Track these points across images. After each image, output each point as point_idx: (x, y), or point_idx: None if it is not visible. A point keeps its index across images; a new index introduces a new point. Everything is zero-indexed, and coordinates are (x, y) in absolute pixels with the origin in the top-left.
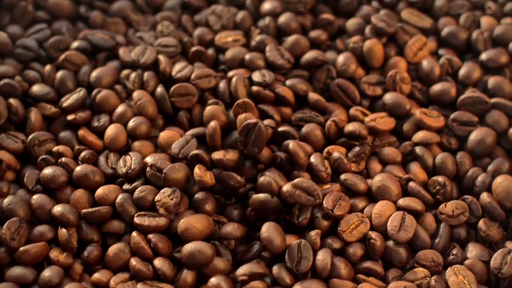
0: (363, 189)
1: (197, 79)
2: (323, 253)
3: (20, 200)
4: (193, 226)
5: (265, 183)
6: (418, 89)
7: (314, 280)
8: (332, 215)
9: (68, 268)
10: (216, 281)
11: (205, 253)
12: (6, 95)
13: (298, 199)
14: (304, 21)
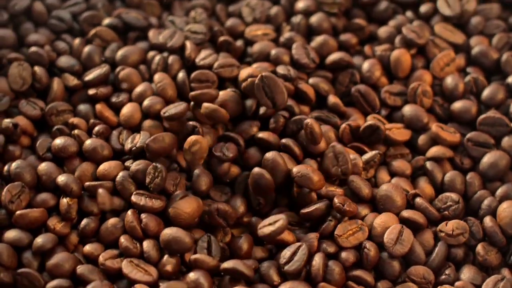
0: (366, 194)
1: (219, 68)
2: (317, 259)
3: (29, 165)
4: (184, 212)
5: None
6: (439, 104)
7: (301, 283)
8: (343, 209)
9: (64, 238)
10: (194, 276)
11: (181, 241)
12: (33, 62)
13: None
14: (336, 23)
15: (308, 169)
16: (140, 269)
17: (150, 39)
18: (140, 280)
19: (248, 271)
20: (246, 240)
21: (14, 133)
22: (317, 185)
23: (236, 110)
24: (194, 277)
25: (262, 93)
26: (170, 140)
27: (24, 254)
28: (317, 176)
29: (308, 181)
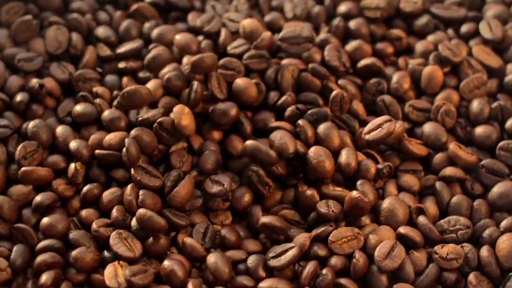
0: (369, 200)
1: (248, 59)
2: (310, 266)
3: (46, 126)
4: (179, 196)
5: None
6: (462, 126)
7: (282, 281)
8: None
9: (66, 201)
10: (168, 264)
11: (154, 223)
12: (71, 28)
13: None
14: (375, 30)
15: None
16: (126, 243)
17: (188, 21)
18: (121, 254)
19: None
20: (231, 231)
21: (39, 93)
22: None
23: (254, 98)
24: (169, 265)
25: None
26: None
27: (24, 210)
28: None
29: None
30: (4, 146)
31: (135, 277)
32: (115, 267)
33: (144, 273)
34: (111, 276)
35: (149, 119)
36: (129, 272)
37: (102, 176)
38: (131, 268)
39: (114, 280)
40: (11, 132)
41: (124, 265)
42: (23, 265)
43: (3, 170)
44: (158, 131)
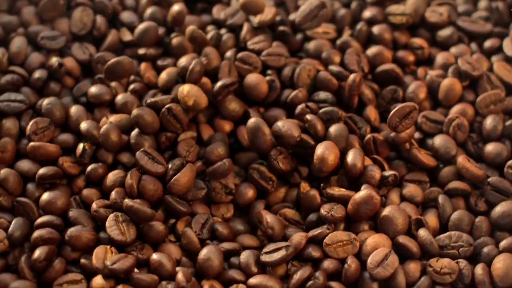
0: (378, 200)
1: (267, 56)
2: (303, 272)
3: (61, 104)
4: (179, 183)
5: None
6: (473, 141)
7: (272, 278)
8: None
9: (71, 179)
10: (157, 257)
11: (140, 213)
12: (97, 10)
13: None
14: (398, 37)
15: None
16: (121, 227)
17: (213, 13)
18: (113, 237)
19: (278, 284)
20: (223, 225)
21: (58, 71)
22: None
23: (264, 95)
24: (157, 258)
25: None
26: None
27: (28, 185)
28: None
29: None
30: (18, 121)
31: (115, 264)
32: (106, 250)
33: (124, 258)
34: (99, 257)
35: (157, 102)
36: (109, 262)
37: (109, 159)
38: (112, 258)
39: (101, 262)
40: (25, 107)
41: (114, 251)
42: (21, 238)
43: (13, 144)
44: (166, 116)
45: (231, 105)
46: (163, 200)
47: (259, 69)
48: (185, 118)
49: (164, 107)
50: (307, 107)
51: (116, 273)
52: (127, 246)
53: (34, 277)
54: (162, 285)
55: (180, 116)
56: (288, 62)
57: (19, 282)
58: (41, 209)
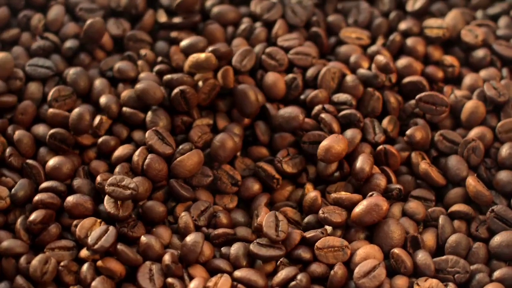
0: (387, 207)
1: (293, 54)
2: (288, 272)
3: (86, 75)
4: (182, 166)
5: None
6: (487, 166)
7: (257, 273)
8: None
9: (83, 149)
10: (146, 239)
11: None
12: None
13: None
14: (431, 52)
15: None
16: (118, 201)
17: (250, 6)
18: (107, 209)
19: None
20: (224, 215)
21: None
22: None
23: (282, 95)
24: (146, 240)
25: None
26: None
27: (41, 149)
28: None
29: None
30: (42, 86)
31: (97, 245)
32: (94, 222)
33: (105, 234)
34: (84, 227)
35: (172, 81)
36: (90, 241)
37: (123, 134)
38: (92, 234)
39: (84, 231)
40: (51, 74)
41: (103, 224)
42: (23, 199)
43: (33, 108)
44: (177, 97)
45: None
46: (167, 182)
47: (284, 66)
48: (195, 101)
49: (178, 88)
50: (324, 109)
51: (97, 252)
52: (119, 221)
53: (28, 239)
54: (146, 265)
55: (191, 100)
56: (315, 63)
57: (11, 241)
58: (47, 174)
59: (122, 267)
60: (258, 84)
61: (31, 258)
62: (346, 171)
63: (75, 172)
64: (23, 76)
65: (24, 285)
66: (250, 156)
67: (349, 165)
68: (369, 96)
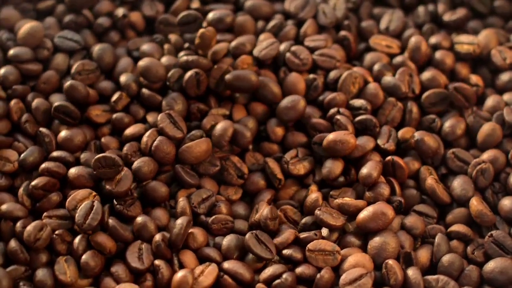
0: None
1: (318, 55)
2: (274, 269)
3: (112, 53)
4: (189, 152)
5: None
6: (495, 191)
7: (245, 266)
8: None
9: (97, 126)
10: (141, 220)
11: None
12: None
13: None
14: (459, 68)
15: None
16: (118, 178)
17: (284, 5)
18: (104, 183)
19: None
20: (225, 206)
21: (120, 22)
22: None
23: (302, 93)
24: (141, 221)
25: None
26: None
27: (55, 120)
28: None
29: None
30: (68, 59)
31: (85, 224)
32: (87, 195)
33: (91, 210)
34: (74, 199)
35: (187, 61)
36: (77, 219)
37: (139, 114)
38: (78, 212)
39: (74, 203)
40: (79, 48)
41: (96, 198)
42: (31, 165)
43: (57, 79)
44: (191, 79)
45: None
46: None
47: (308, 66)
48: (205, 85)
49: (192, 71)
50: (339, 112)
51: (86, 231)
52: (115, 198)
53: (30, 204)
54: (136, 243)
55: (202, 83)
56: (339, 66)
57: (12, 204)
58: (58, 144)
59: (112, 243)
60: (279, 82)
61: (28, 223)
62: (352, 177)
63: (86, 146)
64: (51, 46)
65: (17, 249)
66: (262, 152)
67: (356, 172)
68: (391, 106)
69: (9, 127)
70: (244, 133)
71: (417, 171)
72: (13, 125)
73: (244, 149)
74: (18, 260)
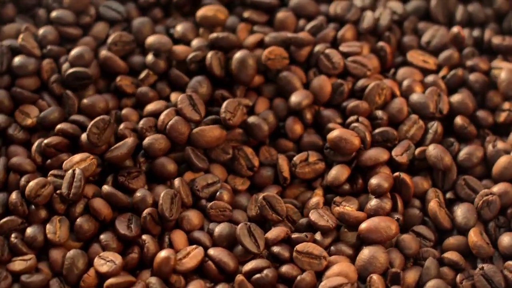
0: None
1: (351, 62)
2: (256, 263)
3: (151, 28)
4: (200, 135)
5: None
6: (499, 225)
7: (230, 255)
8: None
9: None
10: (141, 194)
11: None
12: None
13: None
14: (491, 95)
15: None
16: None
17: (330, 7)
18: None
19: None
20: (227, 194)
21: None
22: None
23: (325, 100)
24: (141, 193)
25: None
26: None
27: None
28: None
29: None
30: (109, 28)
31: (71, 194)
32: (85, 158)
33: (73, 178)
34: (71, 161)
35: (217, 38)
36: (64, 190)
37: (165, 92)
38: (63, 184)
39: (69, 165)
40: (121, 19)
41: (93, 162)
42: (50, 123)
43: (93, 45)
44: (213, 59)
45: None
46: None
47: (338, 70)
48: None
49: (213, 51)
50: (358, 120)
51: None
52: (115, 166)
53: (41, 161)
54: (127, 214)
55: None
56: (369, 75)
57: (22, 158)
58: (80, 108)
59: (108, 211)
60: (308, 82)
61: (33, 179)
62: (359, 187)
63: (107, 114)
64: (94, 14)
65: (17, 201)
66: (277, 148)
67: (364, 182)
68: (412, 123)
69: (37, 85)
70: (262, 127)
71: (425, 191)
72: (42, 83)
73: (261, 142)
74: (17, 212)
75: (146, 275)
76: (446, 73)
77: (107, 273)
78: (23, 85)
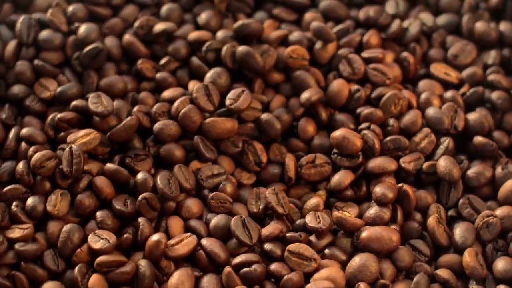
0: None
1: (372, 69)
2: (247, 257)
3: (179, 14)
4: (211, 126)
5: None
6: (497, 248)
7: (222, 246)
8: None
9: (143, 80)
10: (143, 175)
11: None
12: None
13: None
14: (509, 117)
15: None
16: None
17: (361, 12)
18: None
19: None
20: (231, 186)
21: None
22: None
23: (341, 104)
24: (142, 176)
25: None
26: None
27: (107, 64)
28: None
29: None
30: (138, 13)
31: (73, 171)
32: (89, 133)
33: (71, 156)
34: (75, 135)
35: (242, 25)
36: (66, 168)
37: (184, 80)
38: (63, 162)
39: (73, 138)
40: (151, 4)
41: (97, 137)
42: (67, 98)
43: (121, 27)
44: (227, 51)
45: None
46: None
47: (358, 76)
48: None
49: (228, 44)
50: (369, 128)
51: (76, 177)
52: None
53: (53, 135)
54: (124, 195)
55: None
56: (388, 84)
57: (34, 130)
58: (99, 87)
59: (110, 190)
60: (325, 86)
61: (41, 150)
62: (362, 194)
63: (124, 95)
64: None
65: (23, 170)
66: (288, 146)
67: (368, 189)
68: (423, 135)
69: (60, 60)
70: (274, 124)
71: (428, 206)
72: (66, 59)
73: (272, 140)
74: (22, 181)
75: (139, 257)
76: (466, 90)
77: (100, 250)
78: (46, 59)
